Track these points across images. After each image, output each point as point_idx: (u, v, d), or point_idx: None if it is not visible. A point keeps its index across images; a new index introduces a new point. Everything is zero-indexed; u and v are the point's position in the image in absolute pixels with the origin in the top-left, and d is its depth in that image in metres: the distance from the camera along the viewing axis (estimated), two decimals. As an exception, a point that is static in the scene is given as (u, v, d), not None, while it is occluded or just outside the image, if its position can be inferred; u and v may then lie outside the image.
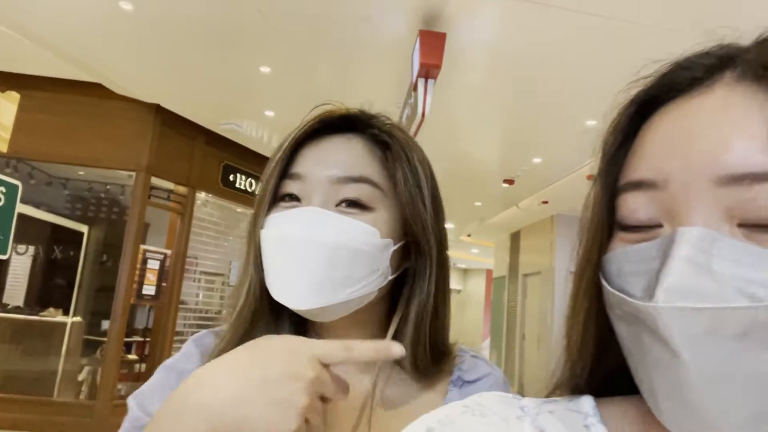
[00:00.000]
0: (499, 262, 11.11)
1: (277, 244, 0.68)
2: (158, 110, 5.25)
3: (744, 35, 0.41)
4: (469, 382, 0.77)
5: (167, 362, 0.74)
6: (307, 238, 0.66)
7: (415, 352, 0.72)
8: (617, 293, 0.37)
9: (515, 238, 9.88)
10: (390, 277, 0.72)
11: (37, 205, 6.35)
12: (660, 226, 0.37)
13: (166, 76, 4.63)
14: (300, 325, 0.74)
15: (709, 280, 0.33)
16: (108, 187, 6.61)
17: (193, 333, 0.80)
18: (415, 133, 3.36)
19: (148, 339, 5.74)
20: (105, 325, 5.80)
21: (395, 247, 0.72)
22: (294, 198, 0.71)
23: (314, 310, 0.66)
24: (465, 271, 18.80)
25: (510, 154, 5.98)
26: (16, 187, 2.55)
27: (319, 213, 0.67)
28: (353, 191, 0.70)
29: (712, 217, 0.34)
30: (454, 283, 18.41)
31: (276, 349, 0.51)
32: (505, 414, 0.42)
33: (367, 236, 0.69)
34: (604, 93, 0.48)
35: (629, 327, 0.37)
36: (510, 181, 6.66)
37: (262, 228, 0.70)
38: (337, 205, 0.69)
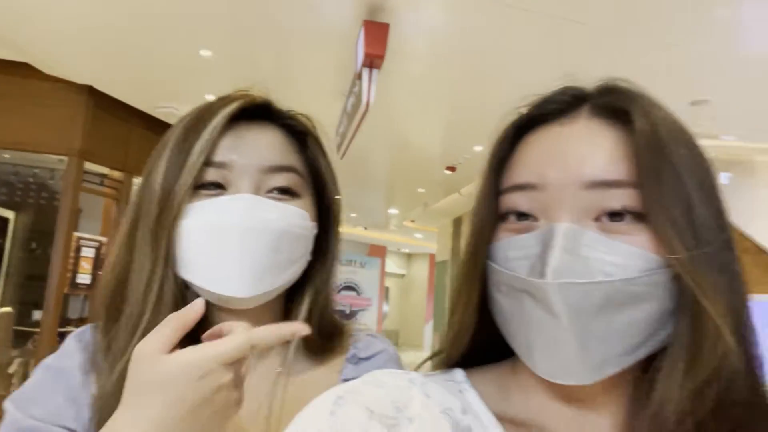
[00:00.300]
0: (442, 247, 11.33)
1: (212, 233, 0.65)
2: (91, 92, 5.02)
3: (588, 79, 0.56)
4: (365, 359, 0.79)
5: (46, 361, 0.70)
6: (252, 226, 0.65)
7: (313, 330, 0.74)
8: (510, 273, 0.48)
9: (457, 223, 10.10)
10: (309, 259, 0.75)
11: (-42, 190, 6.00)
12: (536, 219, 0.49)
13: (99, 56, 4.44)
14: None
15: (579, 262, 0.45)
16: (35, 170, 6.29)
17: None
18: (360, 122, 3.39)
19: (83, 329, 5.55)
20: (36, 315, 5.56)
21: (315, 231, 0.76)
22: (216, 186, 0.69)
23: (258, 297, 0.67)
24: (409, 256, 19.03)
25: (452, 142, 6.10)
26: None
27: (257, 200, 0.67)
28: (283, 180, 0.71)
29: (577, 213, 0.47)
30: (399, 267, 18.61)
31: (184, 381, 0.51)
32: (398, 384, 0.51)
33: (302, 220, 0.71)
34: (543, 85, 0.55)
35: (513, 300, 0.48)
36: (452, 168, 6.79)
37: (181, 218, 0.66)
38: (268, 192, 0.70)
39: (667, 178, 0.45)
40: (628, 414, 0.49)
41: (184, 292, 0.68)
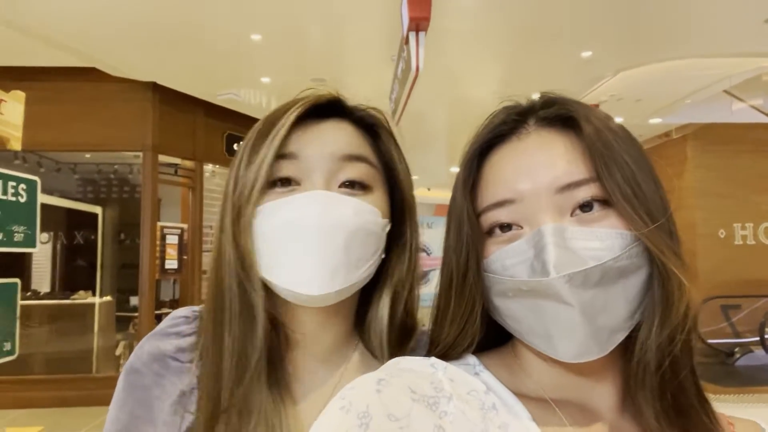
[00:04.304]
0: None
1: (287, 232, 0.65)
2: (155, 88, 5.28)
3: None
4: None
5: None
6: (327, 224, 0.64)
7: (390, 332, 0.73)
8: (514, 278, 0.54)
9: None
10: (383, 256, 0.73)
11: (50, 192, 6.49)
12: (520, 227, 0.56)
13: (159, 52, 4.64)
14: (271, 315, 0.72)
15: (571, 254, 0.51)
16: (116, 167, 6.72)
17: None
18: (411, 87, 3.40)
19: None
20: (133, 300, 6.03)
21: (389, 227, 0.73)
22: (289, 182, 0.68)
23: (331, 294, 0.65)
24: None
25: (508, 93, 5.87)
26: (35, 182, 2.64)
27: (331, 197, 0.66)
28: (355, 171, 0.69)
29: (556, 215, 0.54)
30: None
31: None
32: (424, 370, 0.56)
33: (374, 216, 0.69)
34: (599, 23, 0.60)
35: (524, 302, 0.54)
36: (511, 120, 6.66)
37: (255, 217, 0.67)
38: (340, 186, 0.68)
39: (618, 169, 0.53)
40: (622, 376, 0.58)
41: (257, 291, 0.68)
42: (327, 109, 0.73)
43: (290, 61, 4.64)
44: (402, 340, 0.75)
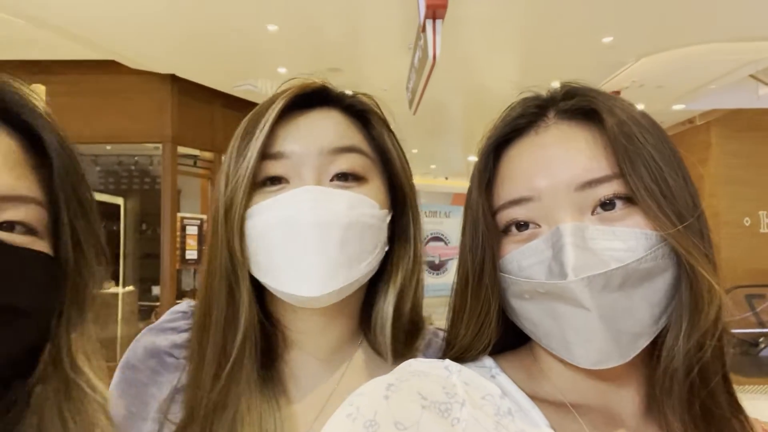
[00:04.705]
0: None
1: (279, 231, 0.62)
2: (174, 80, 5.30)
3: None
4: None
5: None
6: (319, 220, 0.61)
7: (396, 330, 0.69)
8: (530, 280, 0.51)
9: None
10: (386, 248, 0.70)
11: (73, 184, 6.56)
12: (537, 226, 0.53)
13: (177, 44, 4.65)
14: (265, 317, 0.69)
15: (591, 255, 0.49)
16: (136, 158, 6.79)
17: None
18: (428, 76, 3.36)
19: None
20: (155, 290, 6.12)
21: (389, 218, 0.70)
22: (278, 181, 0.65)
23: (333, 293, 0.62)
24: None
25: (528, 81, 5.79)
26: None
27: (321, 191, 0.63)
28: (346, 163, 0.66)
29: (576, 213, 0.51)
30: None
31: None
32: (438, 373, 0.54)
33: (371, 209, 0.66)
34: (621, 7, 0.57)
35: (540, 304, 0.52)
36: (530, 108, 6.57)
37: (245, 219, 0.64)
38: (332, 179, 0.65)
39: (642, 165, 0.50)
40: (647, 381, 0.54)
41: (254, 293, 0.66)
42: (313, 98, 0.69)
43: (306, 51, 4.62)
44: (409, 338, 0.71)
